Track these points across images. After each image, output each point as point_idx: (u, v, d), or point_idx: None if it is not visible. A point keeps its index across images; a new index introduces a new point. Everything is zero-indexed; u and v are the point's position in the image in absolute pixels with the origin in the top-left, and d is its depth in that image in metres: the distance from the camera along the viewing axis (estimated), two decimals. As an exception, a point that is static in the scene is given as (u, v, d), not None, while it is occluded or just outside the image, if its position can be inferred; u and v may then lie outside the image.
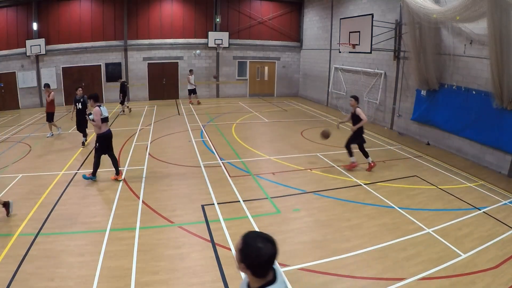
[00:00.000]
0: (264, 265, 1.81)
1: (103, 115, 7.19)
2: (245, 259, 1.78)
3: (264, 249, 1.78)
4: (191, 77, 17.49)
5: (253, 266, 1.79)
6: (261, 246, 1.78)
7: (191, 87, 17.61)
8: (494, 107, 8.31)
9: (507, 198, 6.95)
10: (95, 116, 7.10)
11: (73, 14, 17.10)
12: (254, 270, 1.81)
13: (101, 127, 7.20)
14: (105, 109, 7.34)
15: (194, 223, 5.73)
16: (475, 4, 7.32)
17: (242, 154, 9.44)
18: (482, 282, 4.34)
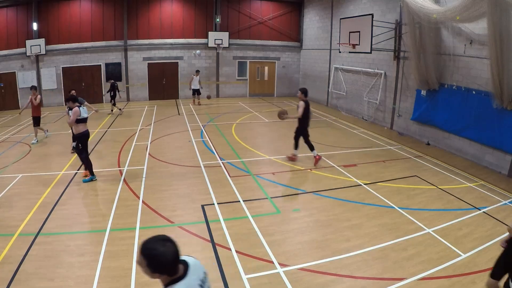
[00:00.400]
0: (174, 264, 1.89)
1: (81, 116, 7.24)
2: (156, 269, 1.84)
3: (167, 251, 1.84)
4: (196, 77, 17.09)
5: (166, 270, 1.87)
6: (164, 250, 1.84)
7: (195, 87, 17.21)
8: (494, 107, 8.31)
9: (507, 198, 6.95)
10: (72, 116, 7.15)
11: (73, 14, 17.10)
12: (168, 273, 1.88)
13: (78, 127, 7.26)
14: (84, 110, 7.40)
15: (194, 223, 5.73)
16: (475, 4, 7.33)
17: (242, 154, 9.44)
18: (482, 282, 4.33)
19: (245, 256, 4.81)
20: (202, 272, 2.07)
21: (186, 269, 1.96)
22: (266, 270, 4.51)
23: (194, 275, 1.96)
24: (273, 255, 4.84)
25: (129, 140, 10.84)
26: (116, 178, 7.65)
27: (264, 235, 5.35)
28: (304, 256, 4.85)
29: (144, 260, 1.82)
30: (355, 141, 11.03)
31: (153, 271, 1.83)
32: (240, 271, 4.46)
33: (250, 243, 5.13)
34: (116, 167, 8.42)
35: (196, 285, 1.95)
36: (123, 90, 18.49)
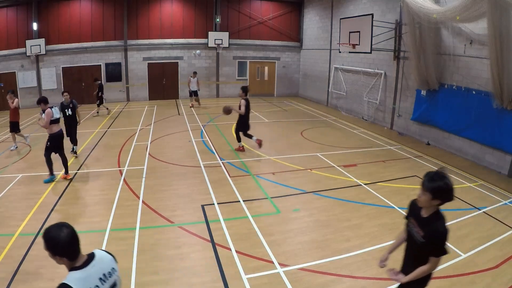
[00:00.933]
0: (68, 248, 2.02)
1: (54, 117, 7.28)
2: (52, 251, 1.98)
3: (61, 235, 1.97)
4: (193, 79, 16.45)
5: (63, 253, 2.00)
6: (57, 233, 1.98)
7: (193, 89, 16.58)
8: (494, 107, 8.31)
9: (507, 198, 6.95)
10: (46, 118, 7.20)
11: (73, 14, 17.10)
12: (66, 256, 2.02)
13: (52, 128, 7.29)
14: (57, 110, 7.47)
15: (194, 223, 5.73)
16: (475, 4, 7.33)
17: (242, 154, 9.44)
18: (482, 282, 4.34)
19: (245, 256, 4.81)
20: (110, 267, 2.14)
21: (89, 260, 2.07)
22: (266, 270, 4.52)
23: (96, 267, 2.05)
24: (273, 255, 4.84)
25: (129, 140, 10.84)
26: (116, 178, 7.65)
27: (264, 235, 5.35)
28: (304, 256, 4.85)
29: (44, 243, 1.98)
30: (355, 141, 11.03)
31: (52, 254, 1.98)
32: (240, 271, 4.47)
33: (250, 243, 5.13)
34: (116, 167, 8.42)
35: (96, 277, 2.02)
36: (122, 90, 18.52)
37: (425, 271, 2.81)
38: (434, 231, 2.75)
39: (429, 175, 2.68)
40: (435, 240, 2.75)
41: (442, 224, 2.79)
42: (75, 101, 9.21)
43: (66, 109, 9.04)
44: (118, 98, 18.45)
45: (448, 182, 2.64)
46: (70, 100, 9.07)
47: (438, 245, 2.75)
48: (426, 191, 2.67)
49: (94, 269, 2.04)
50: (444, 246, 2.77)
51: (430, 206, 2.76)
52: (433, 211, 2.81)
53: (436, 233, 2.75)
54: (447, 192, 2.66)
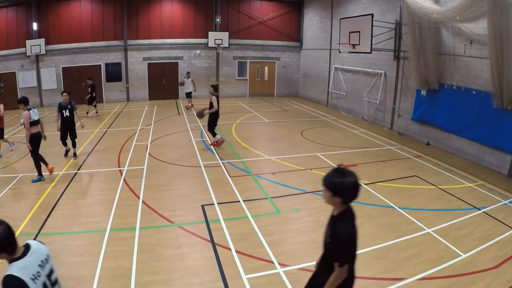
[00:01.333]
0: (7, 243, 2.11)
1: (32, 119, 7.26)
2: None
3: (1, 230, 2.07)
4: (187, 80, 15.88)
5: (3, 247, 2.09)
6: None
7: (188, 90, 16.00)
8: (494, 107, 8.31)
9: (507, 198, 6.95)
10: (25, 120, 7.18)
11: (73, 14, 17.10)
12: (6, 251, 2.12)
13: (30, 129, 7.27)
14: (35, 112, 7.45)
15: (194, 223, 5.73)
16: (475, 4, 7.33)
17: (242, 154, 9.44)
18: (482, 282, 4.34)
19: (245, 256, 4.81)
20: (45, 254, 2.35)
21: (26, 250, 2.22)
22: (266, 270, 4.51)
23: (34, 256, 2.24)
24: (273, 255, 4.84)
25: (129, 140, 10.84)
26: (116, 178, 7.65)
27: (264, 235, 5.35)
28: (304, 256, 4.85)
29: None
30: (355, 141, 11.03)
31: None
32: (240, 271, 4.46)
33: (250, 243, 5.13)
34: (116, 167, 8.42)
35: (36, 264, 2.22)
36: (122, 90, 18.51)
37: (332, 283, 2.57)
38: (335, 233, 2.54)
39: (331, 171, 2.55)
40: (335, 242, 2.54)
41: (344, 226, 2.53)
42: (74, 102, 9.03)
43: (64, 110, 8.81)
44: (118, 98, 18.45)
45: (347, 180, 2.47)
46: (69, 101, 8.87)
47: (338, 250, 2.53)
48: (325, 188, 2.55)
49: (32, 258, 2.22)
50: (344, 253, 2.52)
51: (334, 203, 2.60)
52: (342, 210, 2.62)
53: (336, 235, 2.53)
54: (346, 189, 2.49)
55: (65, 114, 8.81)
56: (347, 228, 2.54)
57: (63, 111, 8.80)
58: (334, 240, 2.55)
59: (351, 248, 2.55)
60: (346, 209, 2.63)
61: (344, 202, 2.57)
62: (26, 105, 7.35)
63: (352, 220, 2.62)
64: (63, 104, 8.83)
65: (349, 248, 2.54)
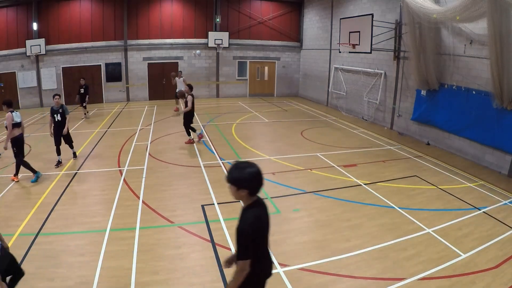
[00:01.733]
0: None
1: (14, 121, 7.25)
2: None
3: None
4: (179, 80, 15.05)
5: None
6: None
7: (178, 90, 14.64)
8: (494, 107, 8.31)
9: (507, 198, 6.95)
10: (7, 123, 7.16)
11: (73, 14, 17.10)
12: None
13: (13, 131, 7.25)
14: (17, 114, 7.43)
15: (194, 223, 5.73)
16: (475, 4, 7.32)
17: (242, 154, 9.44)
18: (482, 282, 4.34)
19: (245, 256, 4.80)
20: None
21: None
22: (266, 270, 4.51)
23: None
24: (273, 255, 4.83)
25: (129, 140, 10.84)
26: (116, 178, 7.65)
27: (264, 235, 5.35)
28: (304, 256, 4.85)
29: None
30: (355, 141, 11.03)
31: None
32: None
33: (250, 243, 5.12)
34: (116, 167, 8.42)
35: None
36: (122, 90, 18.50)
37: (235, 278, 2.56)
38: (238, 225, 2.51)
39: (230, 167, 2.56)
40: (236, 234, 2.50)
41: (245, 219, 2.51)
42: (66, 106, 8.52)
43: (56, 114, 8.34)
44: (118, 98, 18.45)
45: (246, 171, 2.47)
46: (60, 104, 8.39)
47: (238, 243, 2.49)
48: (229, 184, 2.55)
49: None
50: (242, 246, 2.48)
51: (241, 197, 2.56)
52: (249, 203, 2.59)
53: (237, 228, 2.50)
54: (247, 180, 2.47)
55: (56, 118, 8.35)
56: (248, 220, 2.50)
57: (55, 115, 8.35)
58: (237, 233, 2.50)
59: (248, 241, 2.47)
60: (254, 202, 2.60)
61: (250, 193, 2.53)
62: (9, 107, 7.35)
63: (258, 212, 2.58)
64: (55, 108, 8.37)
65: (247, 241, 2.47)
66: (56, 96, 8.47)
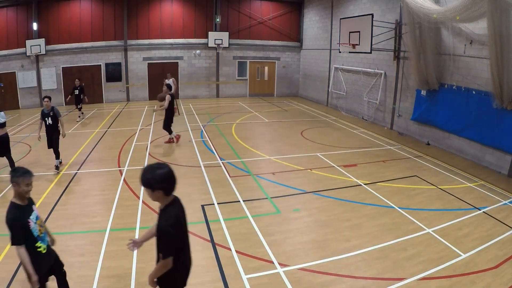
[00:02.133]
0: None
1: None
2: None
3: None
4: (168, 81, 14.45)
5: None
6: None
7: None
8: (494, 107, 8.31)
9: (507, 198, 6.96)
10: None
11: (73, 14, 17.10)
12: None
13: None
14: (2, 114, 7.48)
15: (194, 223, 5.73)
16: (475, 4, 7.33)
17: (242, 154, 9.44)
18: (482, 282, 4.34)
19: (245, 256, 4.81)
20: None
21: None
22: (266, 270, 4.52)
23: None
24: (273, 255, 4.84)
25: (129, 140, 10.84)
26: (116, 178, 7.65)
27: (264, 235, 5.35)
28: (304, 256, 4.85)
29: None
30: (355, 141, 11.03)
31: None
32: (240, 271, 4.47)
33: (250, 243, 5.13)
34: (116, 167, 8.42)
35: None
36: (122, 90, 18.50)
37: (156, 271, 2.71)
38: (159, 225, 2.68)
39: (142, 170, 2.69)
40: (159, 235, 2.68)
41: (166, 219, 2.66)
42: (57, 109, 8.09)
43: (47, 118, 7.94)
44: (118, 98, 18.46)
45: (157, 173, 2.60)
46: (51, 107, 7.95)
47: (161, 242, 2.66)
48: (143, 188, 2.68)
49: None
50: (166, 245, 2.63)
51: (158, 198, 2.71)
52: (167, 203, 2.75)
53: (159, 228, 2.67)
54: (159, 181, 2.61)
55: (47, 122, 7.96)
56: (169, 221, 2.63)
57: (46, 119, 7.95)
58: (158, 232, 2.67)
59: (173, 241, 2.63)
60: (171, 202, 2.75)
61: (165, 194, 2.68)
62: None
63: (176, 212, 2.72)
64: (45, 110, 7.95)
65: (171, 241, 2.62)
66: (45, 99, 8.01)
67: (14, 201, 3.33)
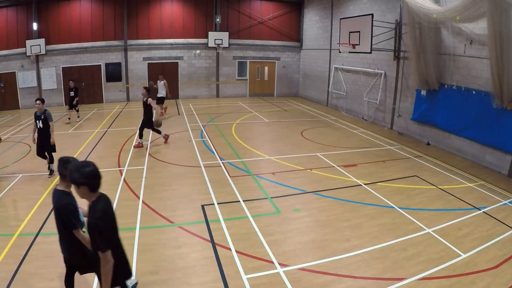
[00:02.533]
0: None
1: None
2: None
3: None
4: (160, 82, 14.41)
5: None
6: None
7: (160, 95, 14.42)
8: (494, 107, 8.31)
9: (507, 198, 6.95)
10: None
11: (73, 14, 17.10)
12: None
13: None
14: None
15: (194, 223, 5.73)
16: (475, 4, 7.33)
17: (242, 154, 9.44)
18: (482, 282, 4.34)
19: (245, 256, 4.81)
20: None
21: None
22: (266, 270, 4.52)
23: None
24: (273, 255, 4.84)
25: (129, 140, 10.84)
26: (116, 178, 7.65)
27: (264, 235, 5.35)
28: (304, 256, 4.85)
29: None
30: (355, 141, 11.03)
31: None
32: (240, 271, 4.47)
33: (250, 243, 5.13)
34: (116, 167, 8.42)
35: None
36: (122, 90, 18.50)
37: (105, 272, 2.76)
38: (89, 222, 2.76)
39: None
40: (90, 232, 2.76)
41: (94, 214, 2.76)
42: (49, 112, 7.67)
43: (38, 120, 7.56)
44: (118, 98, 18.46)
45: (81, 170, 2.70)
46: (43, 110, 7.56)
47: (94, 238, 2.74)
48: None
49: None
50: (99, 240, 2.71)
51: (84, 194, 2.80)
52: (94, 199, 2.84)
53: (89, 225, 2.75)
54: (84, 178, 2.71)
55: (38, 124, 7.58)
56: (97, 215, 2.73)
57: (37, 122, 7.58)
58: (89, 229, 2.75)
59: (104, 233, 2.73)
60: (98, 198, 2.84)
61: (90, 190, 2.78)
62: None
63: (102, 206, 2.82)
64: (38, 113, 7.58)
65: (103, 234, 2.71)
66: (37, 101, 7.53)
67: (62, 189, 3.53)
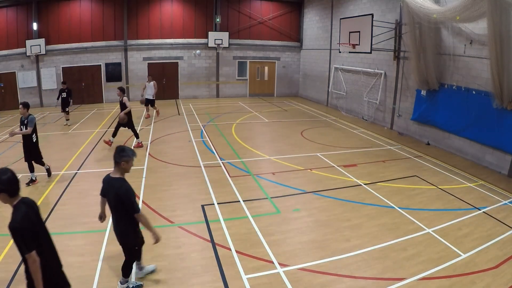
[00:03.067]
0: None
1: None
2: None
3: None
4: (148, 84, 14.07)
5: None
6: None
7: (148, 97, 14.01)
8: (494, 107, 8.31)
9: (507, 198, 6.96)
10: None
11: (73, 14, 17.10)
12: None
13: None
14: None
15: (194, 223, 5.73)
16: (475, 4, 7.33)
17: (242, 154, 9.44)
18: (482, 282, 4.34)
19: (245, 256, 4.81)
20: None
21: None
22: (266, 270, 4.52)
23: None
24: (273, 255, 4.84)
25: (129, 140, 10.84)
26: (116, 178, 7.63)
27: (264, 235, 5.35)
28: (304, 256, 4.85)
29: None
30: (355, 141, 11.03)
31: None
32: (240, 271, 4.47)
33: (250, 243, 5.13)
34: (116, 167, 8.41)
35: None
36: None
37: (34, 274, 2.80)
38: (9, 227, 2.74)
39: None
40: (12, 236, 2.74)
41: (14, 219, 2.77)
42: (32, 117, 7.16)
43: (22, 126, 7.15)
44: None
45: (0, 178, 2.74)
46: (27, 115, 7.10)
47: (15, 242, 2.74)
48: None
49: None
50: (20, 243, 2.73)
51: (5, 200, 2.83)
52: (14, 203, 2.86)
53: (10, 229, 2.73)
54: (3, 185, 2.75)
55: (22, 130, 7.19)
56: (16, 219, 2.76)
57: (21, 127, 7.17)
58: (11, 234, 2.73)
59: (23, 235, 2.73)
60: (18, 202, 2.87)
61: (10, 196, 2.82)
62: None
63: (22, 209, 2.84)
64: (22, 118, 7.16)
65: (22, 236, 2.73)
66: (20, 105, 7.10)
67: (118, 176, 4.09)
